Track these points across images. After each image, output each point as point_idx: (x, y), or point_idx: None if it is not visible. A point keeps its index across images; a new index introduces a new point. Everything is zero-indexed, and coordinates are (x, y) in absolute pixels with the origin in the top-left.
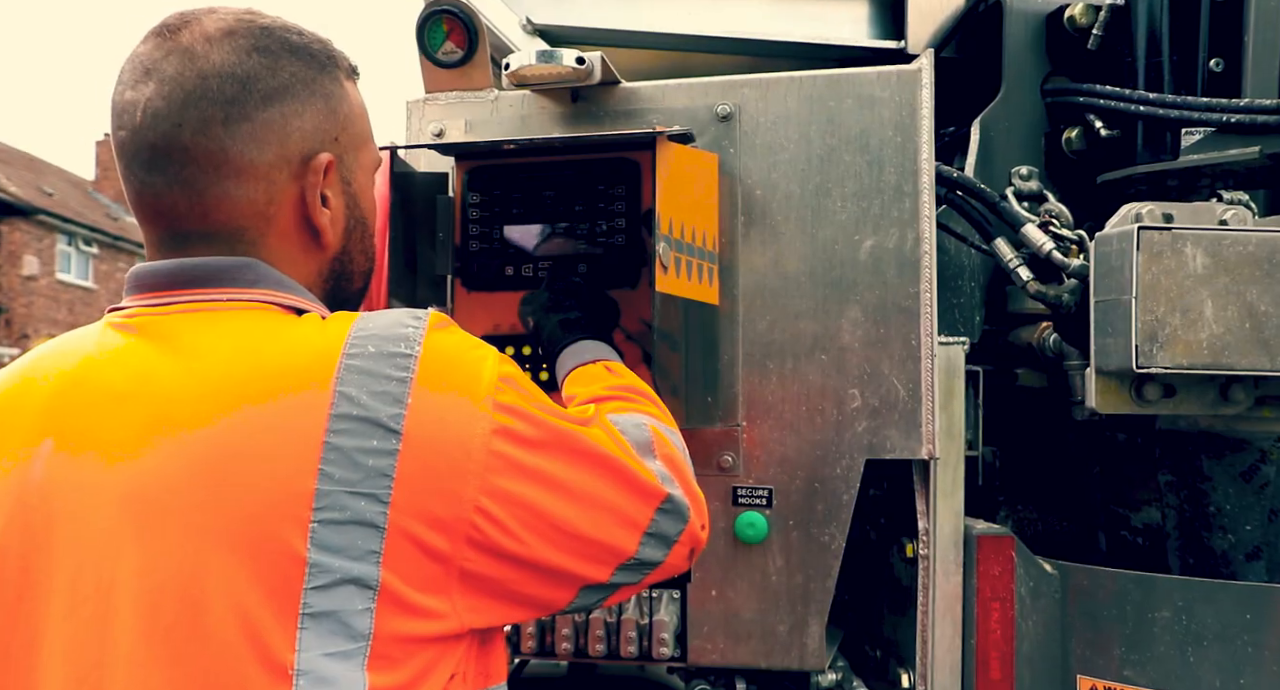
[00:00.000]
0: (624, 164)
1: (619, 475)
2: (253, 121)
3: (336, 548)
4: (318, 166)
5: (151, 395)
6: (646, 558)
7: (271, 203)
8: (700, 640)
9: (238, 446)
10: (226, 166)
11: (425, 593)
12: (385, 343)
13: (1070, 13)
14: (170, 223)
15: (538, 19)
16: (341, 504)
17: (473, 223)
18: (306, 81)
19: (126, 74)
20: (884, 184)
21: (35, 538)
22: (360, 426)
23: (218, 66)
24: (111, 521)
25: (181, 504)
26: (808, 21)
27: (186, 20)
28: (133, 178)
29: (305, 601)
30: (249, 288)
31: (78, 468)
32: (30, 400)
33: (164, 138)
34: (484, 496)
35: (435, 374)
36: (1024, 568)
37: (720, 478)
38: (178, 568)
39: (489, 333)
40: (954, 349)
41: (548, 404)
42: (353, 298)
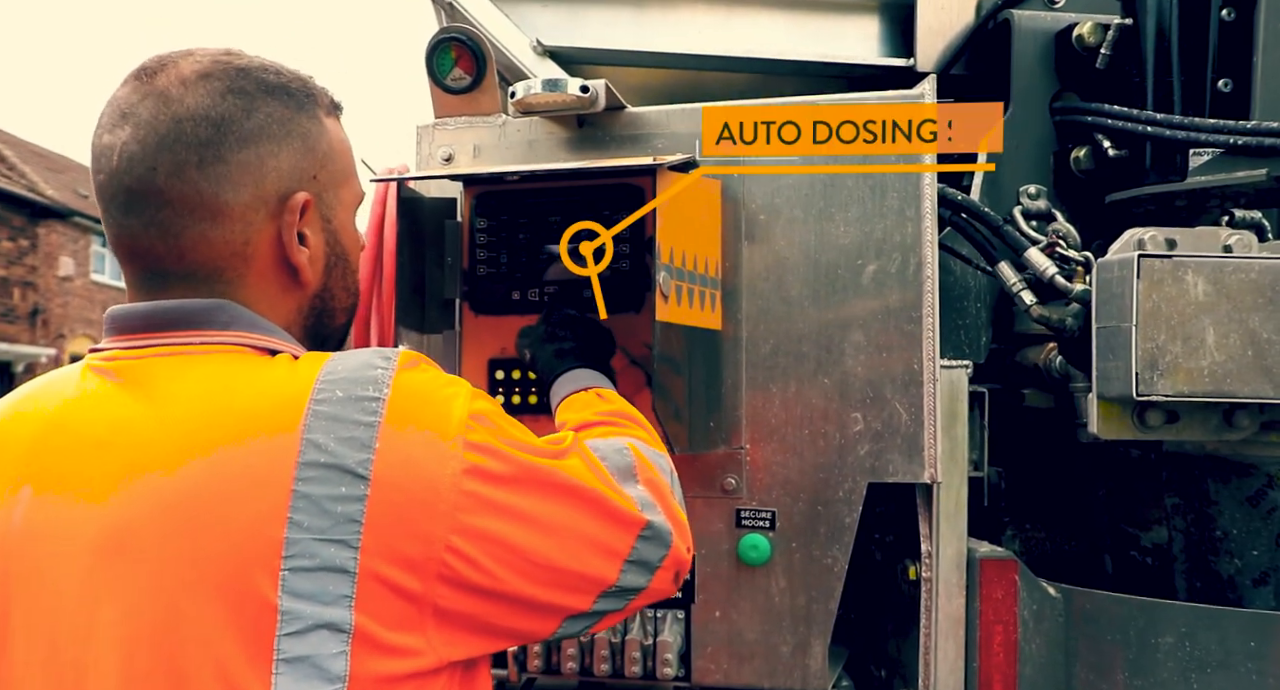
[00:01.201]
0: (628, 190)
1: (595, 506)
2: (228, 163)
3: (308, 594)
4: (294, 206)
5: (126, 442)
6: (629, 584)
7: (248, 243)
8: (704, 660)
9: (209, 494)
10: (202, 209)
11: (399, 631)
12: (353, 386)
13: (1079, 31)
14: (148, 264)
15: (548, 40)
16: (311, 551)
17: (480, 247)
18: (283, 121)
19: (105, 118)
20: (887, 208)
21: (17, 584)
22: (328, 474)
23: (192, 110)
24: (88, 569)
25: (154, 552)
26: (817, 39)
27: (164, 63)
28: (111, 220)
29: (279, 647)
30: (222, 330)
31: (56, 514)
32: (10, 444)
33: (139, 181)
34: (454, 535)
35: (404, 414)
36: (1027, 591)
37: (723, 500)
38: (152, 615)
39: (496, 356)
40: (957, 373)
41: (520, 439)
42: (335, 333)
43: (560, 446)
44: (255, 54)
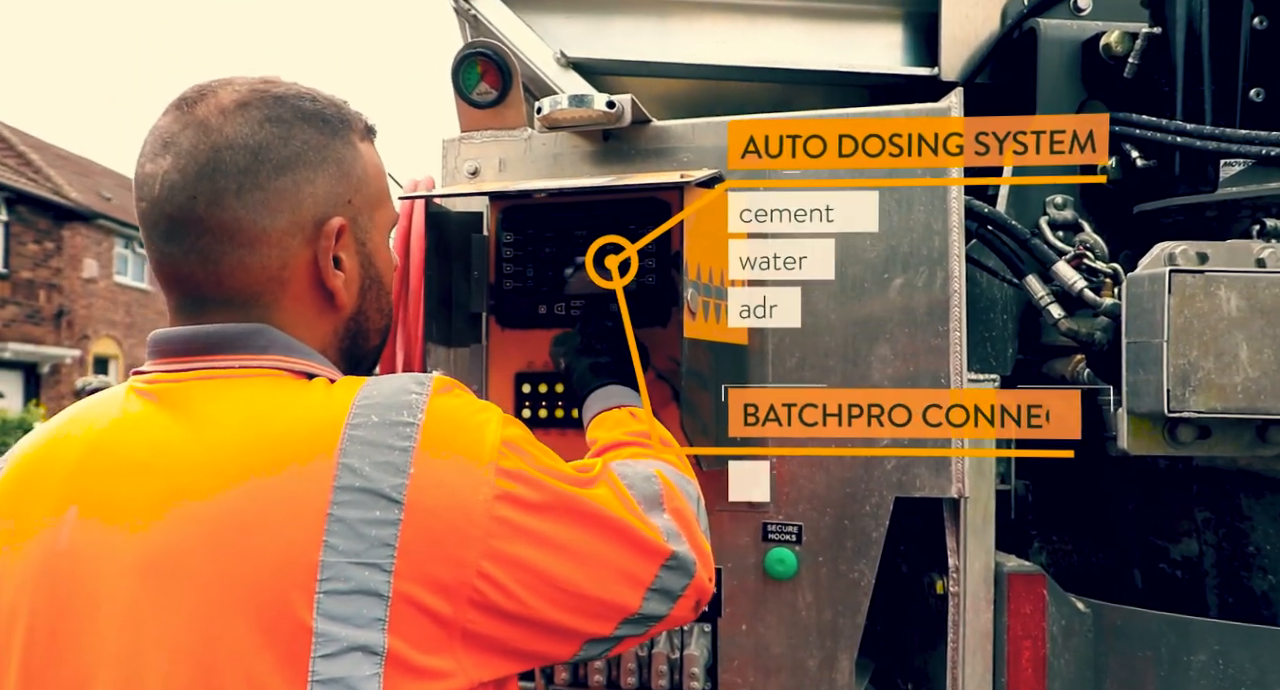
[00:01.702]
0: (654, 204)
1: (621, 536)
2: (265, 190)
3: (342, 617)
4: (330, 231)
5: (167, 465)
6: (650, 612)
7: (285, 268)
8: (730, 674)
9: (246, 518)
10: (240, 235)
11: (431, 654)
12: (388, 411)
13: (1106, 41)
14: (189, 289)
15: (571, 52)
16: (346, 575)
17: (507, 261)
18: (319, 148)
19: (147, 147)
20: (913, 222)
21: (63, 603)
22: (363, 498)
23: (230, 138)
24: (132, 590)
25: (194, 574)
26: (840, 49)
27: (203, 93)
28: (152, 247)
29: (314, 669)
30: (260, 354)
31: (100, 535)
32: (57, 464)
33: (180, 209)
34: (486, 560)
35: (438, 440)
36: (1056, 606)
37: (750, 514)
38: (192, 636)
39: (522, 370)
40: (984, 386)
41: (551, 467)
42: (370, 355)
43: (589, 475)
44: (291, 81)
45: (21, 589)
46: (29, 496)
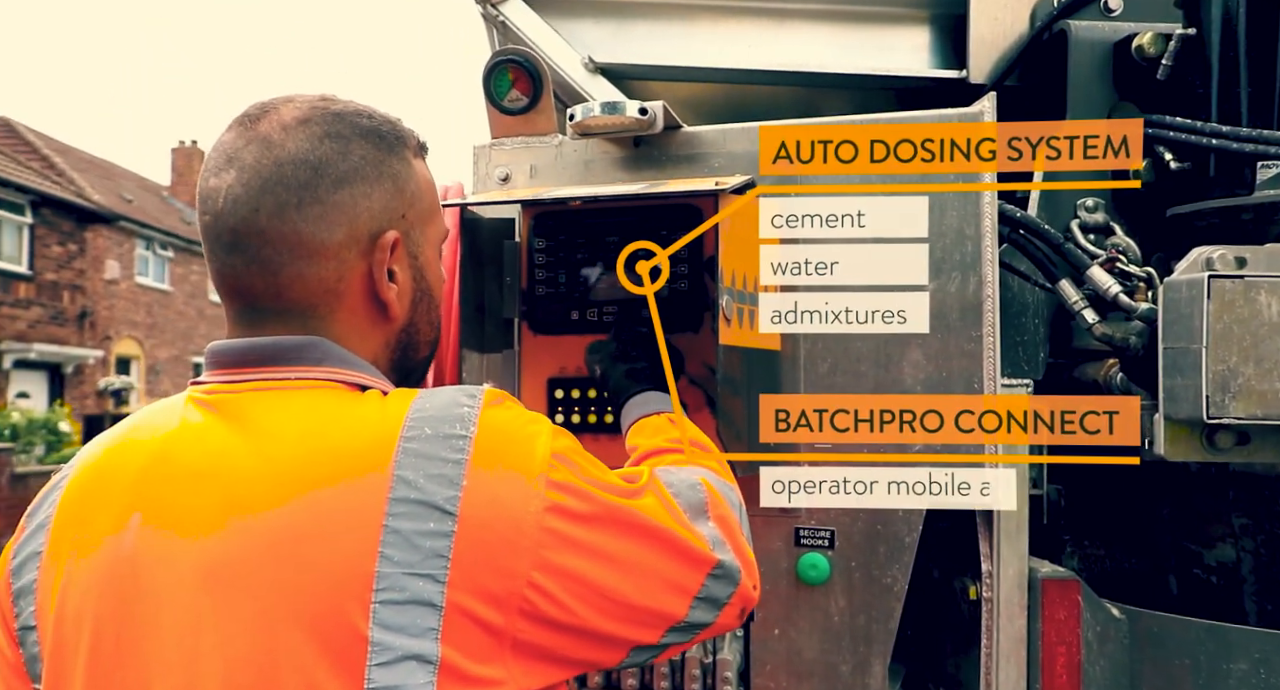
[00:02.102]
0: (686, 210)
1: (669, 545)
2: (324, 204)
3: (397, 626)
4: (385, 244)
5: (226, 475)
6: (696, 620)
7: (341, 280)
8: (763, 679)
9: (304, 529)
10: (300, 248)
11: (482, 663)
12: (441, 424)
13: (1139, 42)
14: (248, 300)
15: (599, 58)
16: (401, 585)
17: (539, 267)
18: (375, 163)
19: (211, 161)
20: (945, 227)
21: (127, 609)
22: (418, 509)
23: (292, 154)
24: (193, 597)
25: (254, 583)
26: (867, 51)
27: (265, 110)
28: (215, 258)
29: (369, 677)
30: (315, 366)
31: (162, 543)
32: (122, 471)
33: (243, 222)
34: (536, 571)
35: (490, 454)
36: (1090, 612)
37: (782, 519)
38: (252, 644)
39: (555, 375)
40: (1017, 391)
41: (599, 478)
42: (420, 366)
43: (636, 485)
44: (348, 98)
45: (87, 593)
46: (94, 503)
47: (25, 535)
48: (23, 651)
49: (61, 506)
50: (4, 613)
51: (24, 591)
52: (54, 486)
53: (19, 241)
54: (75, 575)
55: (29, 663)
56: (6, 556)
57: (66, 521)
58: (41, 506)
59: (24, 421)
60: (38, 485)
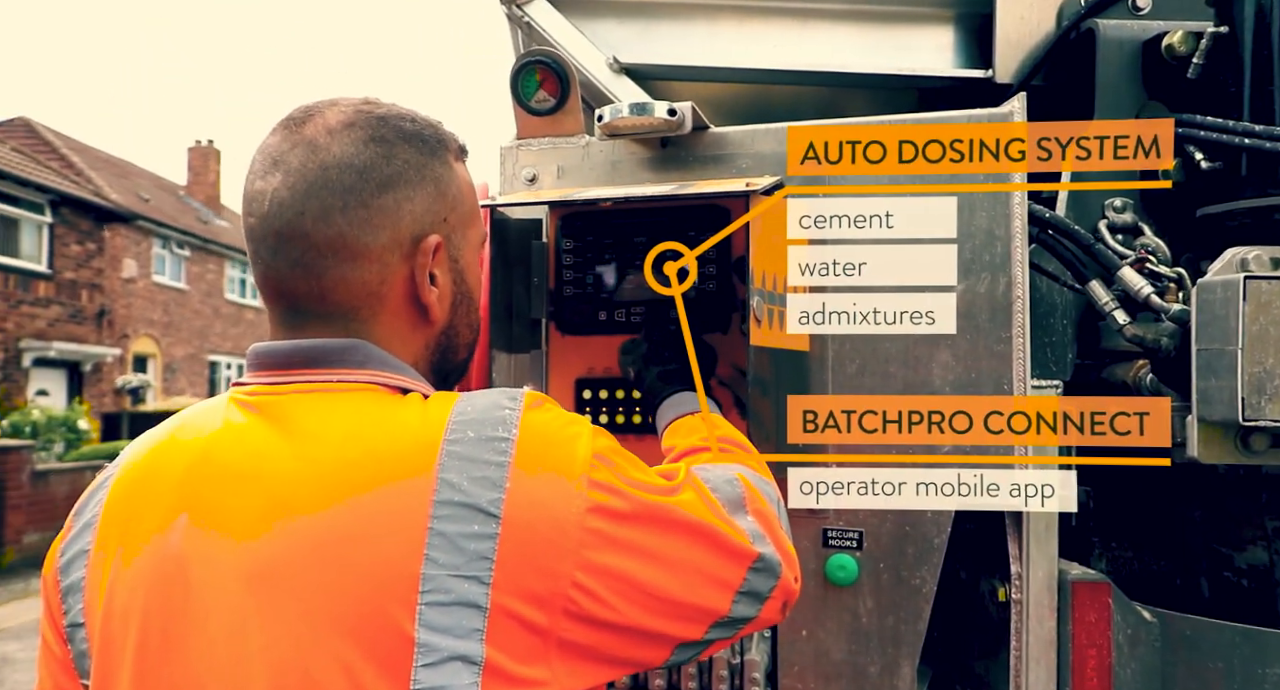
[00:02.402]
0: (714, 210)
1: (710, 540)
2: (369, 208)
3: (443, 628)
4: (427, 248)
5: (269, 477)
6: (739, 615)
7: (384, 283)
8: (791, 680)
9: (349, 532)
10: (344, 251)
11: (527, 664)
12: (483, 427)
13: (1169, 41)
14: (292, 302)
15: (624, 58)
16: (446, 587)
17: (566, 268)
18: (418, 167)
19: (257, 164)
20: (975, 228)
21: (174, 608)
22: (462, 512)
23: (338, 157)
24: (238, 598)
25: (299, 586)
26: (891, 51)
27: (310, 113)
28: (259, 261)
29: (416, 678)
30: (357, 369)
31: (208, 543)
32: (168, 471)
33: (288, 225)
34: (579, 571)
35: (532, 456)
36: (1121, 614)
37: (811, 520)
38: (297, 645)
39: (582, 375)
40: (1047, 392)
41: (638, 478)
42: (458, 368)
43: (674, 482)
44: (390, 102)
45: (135, 592)
46: (141, 502)
47: (72, 533)
48: (71, 648)
49: (108, 505)
50: (53, 610)
51: (72, 589)
52: (100, 485)
53: (38, 240)
54: (122, 574)
55: (77, 659)
56: (55, 554)
57: (113, 520)
58: (88, 505)
59: (44, 419)
60: (58, 482)
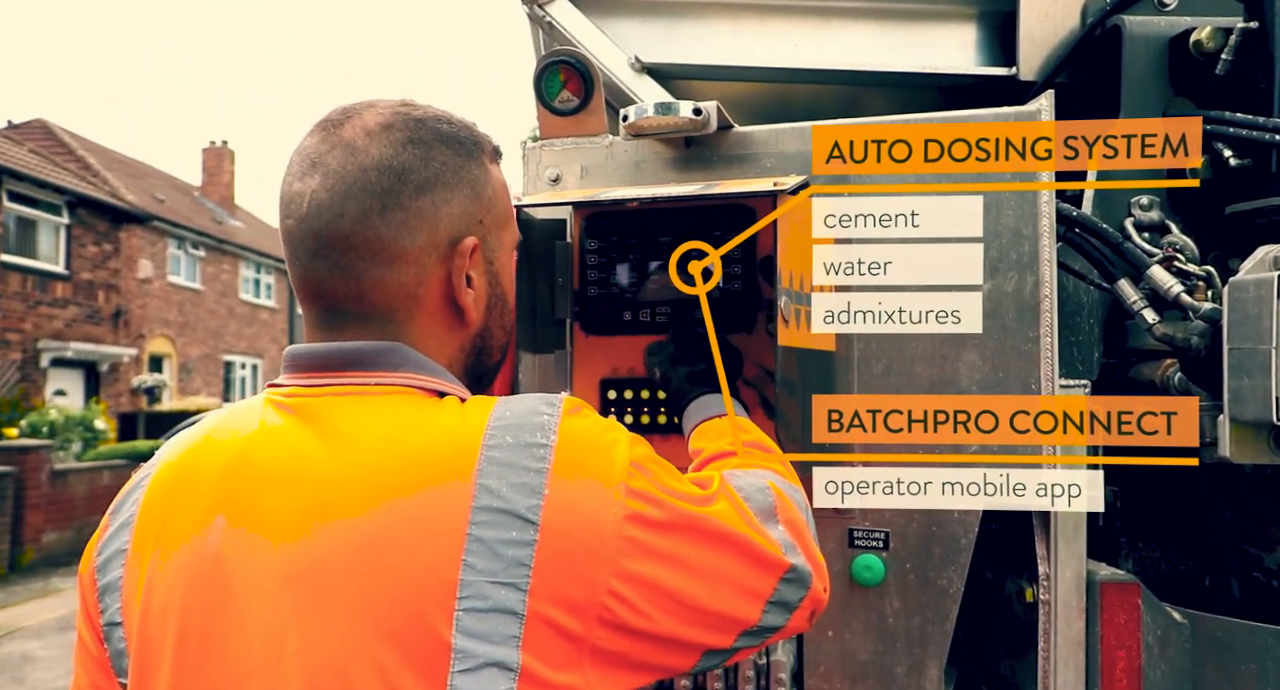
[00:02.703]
0: (739, 210)
1: (743, 551)
2: (406, 210)
3: (480, 634)
4: (464, 250)
5: (309, 479)
6: (768, 624)
7: (421, 285)
8: (817, 680)
9: (388, 536)
10: (382, 253)
11: (561, 670)
12: (522, 432)
13: (1197, 37)
14: (329, 304)
15: (646, 57)
16: (484, 593)
17: (591, 268)
18: (455, 169)
19: (295, 166)
20: (1002, 227)
21: (213, 609)
22: (500, 518)
23: (376, 160)
24: (276, 599)
25: (337, 589)
26: (914, 49)
27: (349, 115)
28: (297, 263)
29: (452, 684)
30: (394, 371)
31: (247, 545)
32: (205, 471)
33: (327, 227)
34: (616, 579)
35: (570, 463)
36: (1150, 615)
37: (836, 520)
38: (335, 648)
39: (607, 375)
40: (1074, 392)
41: (674, 487)
42: (492, 370)
43: (709, 491)
44: (426, 103)
45: (173, 591)
46: (178, 502)
47: (109, 533)
48: (108, 647)
49: (145, 505)
50: (90, 609)
51: (109, 588)
52: (136, 485)
53: (56, 242)
54: (160, 573)
55: (114, 658)
56: (91, 553)
57: (150, 520)
58: (124, 505)
59: (62, 419)
60: (77, 482)
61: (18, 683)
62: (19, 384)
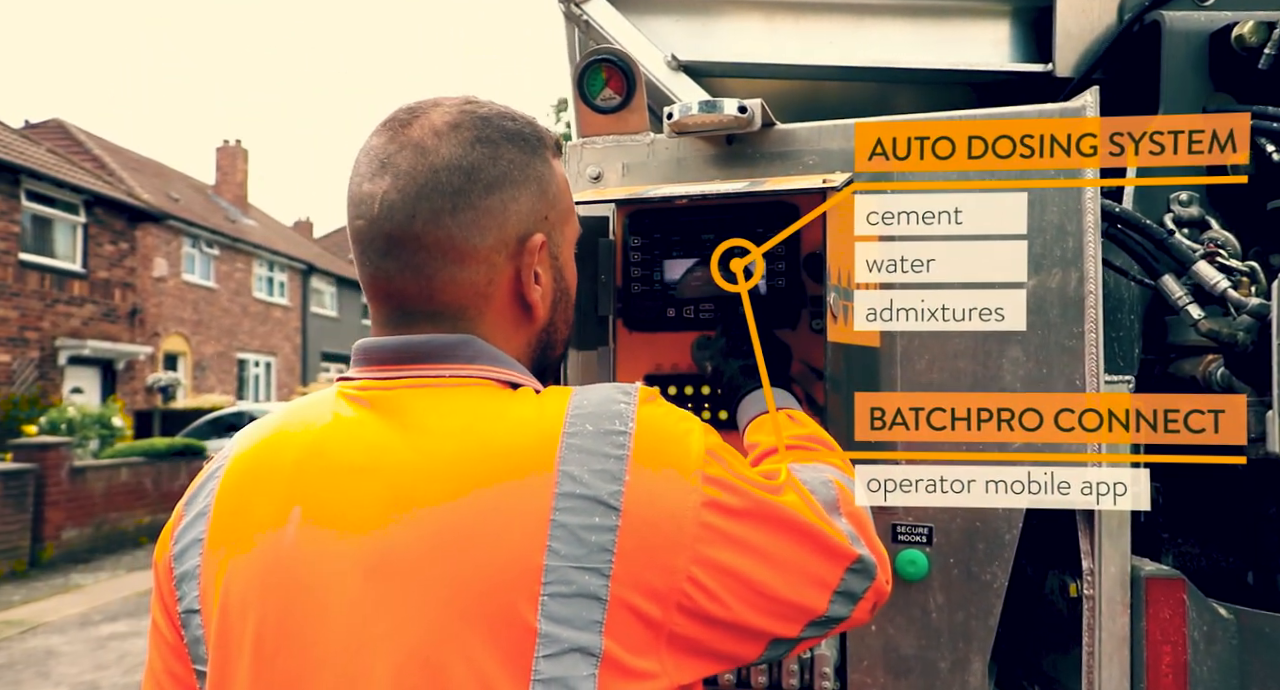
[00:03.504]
0: (782, 207)
1: (813, 541)
2: (476, 209)
3: (564, 619)
4: (533, 247)
5: (387, 470)
6: (834, 614)
7: (491, 283)
8: (860, 674)
9: (471, 525)
10: (453, 252)
11: (640, 656)
12: (601, 421)
13: (1239, 31)
14: (400, 303)
15: (682, 56)
16: (568, 578)
17: (634, 265)
18: (522, 167)
19: (363, 166)
20: (1046, 223)
21: (292, 600)
22: (583, 504)
23: (446, 159)
24: (358, 590)
25: (422, 577)
26: (948, 46)
27: (415, 115)
28: (368, 263)
29: (536, 669)
30: (468, 364)
31: (324, 536)
32: (278, 465)
33: (399, 227)
34: (695, 566)
35: (649, 450)
36: (1196, 611)
37: (879, 515)
38: (422, 635)
39: (650, 372)
40: (1118, 388)
41: (745, 473)
42: (555, 364)
43: (776, 482)
44: (488, 99)
45: (250, 584)
46: (252, 495)
47: (185, 522)
48: (185, 633)
49: (220, 496)
50: (165, 595)
51: (186, 576)
52: (210, 475)
53: (73, 240)
54: (238, 566)
55: (191, 644)
56: (167, 541)
57: (225, 511)
58: (199, 495)
59: (79, 417)
60: (95, 479)
61: (42, 677)
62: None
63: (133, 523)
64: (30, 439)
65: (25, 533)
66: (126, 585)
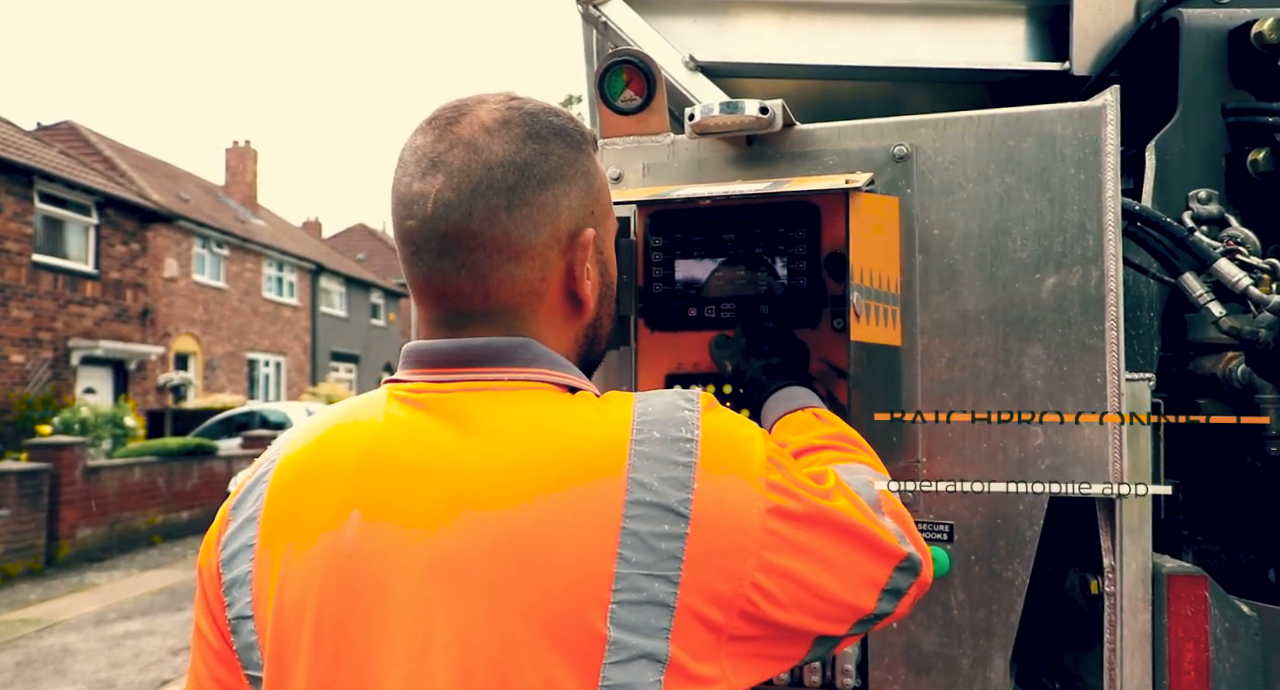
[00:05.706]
0: (804, 207)
1: (866, 542)
2: (531, 206)
3: (633, 626)
4: (585, 242)
5: (450, 473)
6: (881, 611)
7: (544, 279)
8: (881, 671)
9: (540, 529)
10: (509, 249)
11: (702, 662)
12: (668, 427)
13: (1259, 29)
14: (455, 303)
15: (700, 56)
16: (638, 586)
17: (655, 265)
18: (570, 162)
19: (411, 165)
20: (1066, 222)
21: (351, 602)
22: (653, 512)
23: (499, 156)
24: (421, 591)
25: (488, 579)
26: (963, 44)
27: (461, 112)
28: (421, 263)
29: (604, 675)
30: (526, 367)
31: (385, 538)
32: (333, 466)
33: (454, 226)
34: (759, 572)
35: (715, 457)
36: (1219, 608)
37: None
38: (487, 637)
39: (672, 371)
40: (1139, 385)
41: (803, 480)
42: (598, 360)
43: (825, 487)
44: (528, 95)
45: (308, 585)
46: (307, 497)
47: (234, 527)
48: (235, 640)
49: (270, 500)
50: (212, 602)
51: (237, 582)
52: (258, 479)
53: (85, 242)
54: (294, 568)
55: (242, 651)
56: (213, 547)
57: (277, 515)
58: (247, 500)
59: (93, 416)
60: (109, 478)
61: (60, 675)
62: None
63: (146, 522)
64: (45, 439)
65: (41, 532)
66: (140, 584)
